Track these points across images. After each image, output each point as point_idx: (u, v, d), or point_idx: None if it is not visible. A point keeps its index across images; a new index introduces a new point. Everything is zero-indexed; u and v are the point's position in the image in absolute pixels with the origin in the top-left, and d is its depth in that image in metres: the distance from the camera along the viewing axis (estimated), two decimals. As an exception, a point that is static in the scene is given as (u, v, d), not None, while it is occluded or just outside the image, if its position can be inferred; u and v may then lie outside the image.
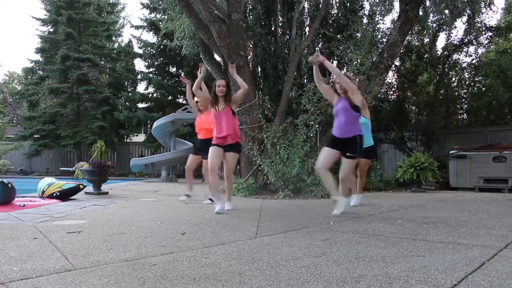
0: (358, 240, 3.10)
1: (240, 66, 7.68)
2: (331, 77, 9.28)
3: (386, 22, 22.03)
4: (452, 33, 10.89)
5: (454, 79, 11.90)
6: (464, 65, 11.41)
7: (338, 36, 8.59)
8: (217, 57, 9.15)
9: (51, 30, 18.39)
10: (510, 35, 11.53)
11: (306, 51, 8.88)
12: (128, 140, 18.03)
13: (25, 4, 54.39)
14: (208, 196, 5.69)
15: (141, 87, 19.65)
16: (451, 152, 9.12)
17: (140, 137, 18.04)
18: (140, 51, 16.56)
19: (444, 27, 10.69)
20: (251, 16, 10.24)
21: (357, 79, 5.59)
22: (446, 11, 9.09)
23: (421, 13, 9.12)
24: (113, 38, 20.15)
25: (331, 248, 2.83)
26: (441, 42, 40.68)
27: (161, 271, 2.23)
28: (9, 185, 4.95)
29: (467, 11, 9.44)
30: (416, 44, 11.42)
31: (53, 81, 17.15)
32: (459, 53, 11.25)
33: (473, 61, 11.23)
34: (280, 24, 9.89)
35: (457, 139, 10.24)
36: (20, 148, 16.33)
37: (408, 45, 10.97)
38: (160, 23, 14.79)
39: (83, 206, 5.17)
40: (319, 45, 9.92)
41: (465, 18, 10.11)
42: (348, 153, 4.38)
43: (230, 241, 3.09)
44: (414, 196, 7.24)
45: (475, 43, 10.95)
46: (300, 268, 2.29)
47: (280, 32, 9.89)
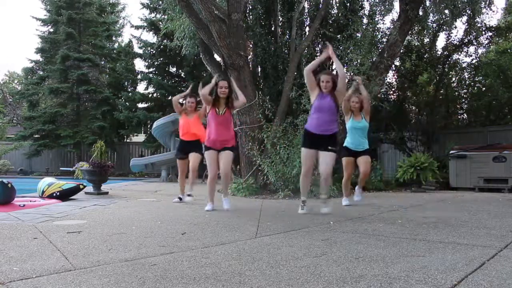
0: (358, 240, 3.10)
1: (240, 66, 7.68)
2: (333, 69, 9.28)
3: (386, 22, 21.97)
4: (452, 33, 10.89)
5: (454, 79, 11.90)
6: (464, 65, 11.41)
7: (338, 36, 8.58)
8: (217, 57, 9.15)
9: (51, 30, 18.35)
10: (510, 35, 11.52)
11: (306, 51, 8.87)
12: (128, 140, 18.01)
13: (25, 4, 54.44)
14: (188, 192, 5.95)
15: (141, 87, 19.64)
16: (451, 152, 9.12)
17: (140, 137, 18.02)
18: (140, 51, 16.53)
19: (444, 27, 10.68)
20: (251, 16, 10.24)
21: (356, 79, 5.52)
22: (446, 11, 9.08)
23: (421, 13, 9.11)
24: (113, 38, 20.10)
25: (331, 248, 2.83)
26: (441, 42, 40.68)
27: (161, 271, 2.23)
28: (9, 185, 4.95)
29: (467, 11, 9.42)
30: (416, 44, 11.41)
31: (53, 81, 17.13)
32: (459, 53, 11.25)
33: (473, 61, 11.23)
34: (280, 24, 9.89)
35: (457, 139, 10.23)
36: (20, 148, 16.31)
37: (408, 45, 10.96)
38: (160, 23, 14.76)
39: (83, 206, 5.17)
40: (319, 45, 9.91)
41: (465, 18, 10.10)
42: (330, 146, 4.39)
43: (230, 241, 3.09)
44: (414, 196, 7.24)
45: (475, 43, 10.95)
46: (300, 268, 2.29)
47: (280, 32, 9.88)
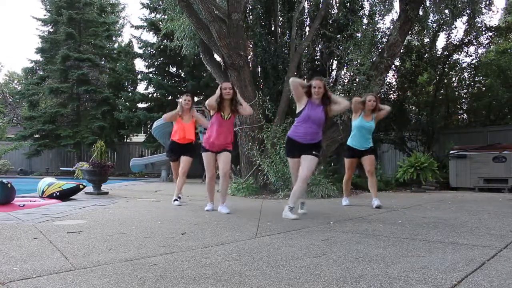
0: (358, 240, 3.10)
1: (240, 66, 7.68)
2: (330, 78, 9.29)
3: (386, 22, 22.04)
4: (452, 33, 10.91)
5: (454, 79, 11.91)
6: (464, 65, 11.42)
7: (338, 36, 8.58)
8: (217, 57, 9.15)
9: (51, 30, 18.37)
10: (510, 35, 11.53)
11: (306, 51, 8.85)
12: (128, 140, 18.02)
13: (25, 4, 54.46)
14: (175, 196, 5.81)
15: (141, 87, 19.68)
16: (451, 152, 9.12)
17: (140, 137, 18.03)
18: (140, 51, 16.54)
19: (444, 27, 10.68)
20: (251, 16, 10.24)
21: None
22: (446, 11, 9.07)
23: (421, 13, 9.10)
24: (113, 38, 20.12)
25: (331, 248, 2.83)
26: (441, 42, 40.76)
27: (161, 271, 2.23)
28: (9, 185, 4.95)
29: (467, 11, 9.41)
30: (416, 44, 11.41)
31: (53, 81, 17.14)
32: (459, 53, 11.26)
33: (473, 61, 11.24)
34: (280, 24, 9.89)
35: (457, 139, 10.25)
36: (20, 148, 16.31)
37: (408, 45, 10.95)
38: (160, 23, 14.75)
39: (83, 206, 5.17)
40: (319, 45, 9.91)
41: (465, 18, 10.10)
42: (314, 151, 4.42)
43: (230, 241, 3.09)
44: (414, 196, 7.24)
45: (475, 43, 10.96)
46: (300, 268, 2.29)
47: (280, 32, 9.88)
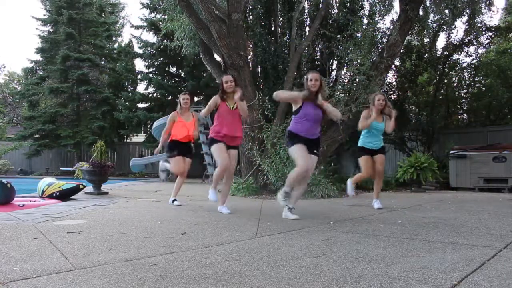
0: (358, 240, 3.10)
1: (240, 66, 7.68)
2: (330, 78, 9.29)
3: (386, 22, 22.05)
4: (452, 33, 10.91)
5: (454, 79, 11.91)
6: (464, 65, 11.42)
7: (338, 36, 8.58)
8: (217, 57, 9.15)
9: (51, 30, 18.37)
10: (510, 35, 11.53)
11: (306, 51, 8.84)
12: (128, 140, 18.03)
13: (25, 4, 54.44)
14: (172, 197, 5.74)
15: (141, 87, 19.70)
16: (451, 152, 9.12)
17: (140, 137, 18.03)
18: (140, 51, 16.54)
19: (444, 27, 10.69)
20: (251, 16, 10.24)
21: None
22: (446, 11, 9.07)
23: (421, 13, 9.10)
24: (113, 38, 20.13)
25: (331, 248, 2.83)
26: (441, 42, 40.72)
27: (161, 271, 2.23)
28: (8, 185, 4.94)
29: (467, 11, 9.42)
30: (416, 44, 11.41)
31: (53, 81, 17.14)
32: (459, 53, 11.27)
33: (473, 61, 11.24)
34: (280, 24, 9.90)
35: (457, 139, 10.25)
36: (20, 148, 16.32)
37: (408, 45, 10.96)
38: (160, 23, 14.75)
39: (83, 206, 5.17)
40: (319, 45, 9.91)
41: (465, 18, 10.11)
42: (315, 150, 4.45)
43: (230, 241, 3.09)
44: (414, 196, 7.24)
45: (475, 43, 10.96)
46: (300, 268, 2.29)
47: (280, 32, 9.89)
